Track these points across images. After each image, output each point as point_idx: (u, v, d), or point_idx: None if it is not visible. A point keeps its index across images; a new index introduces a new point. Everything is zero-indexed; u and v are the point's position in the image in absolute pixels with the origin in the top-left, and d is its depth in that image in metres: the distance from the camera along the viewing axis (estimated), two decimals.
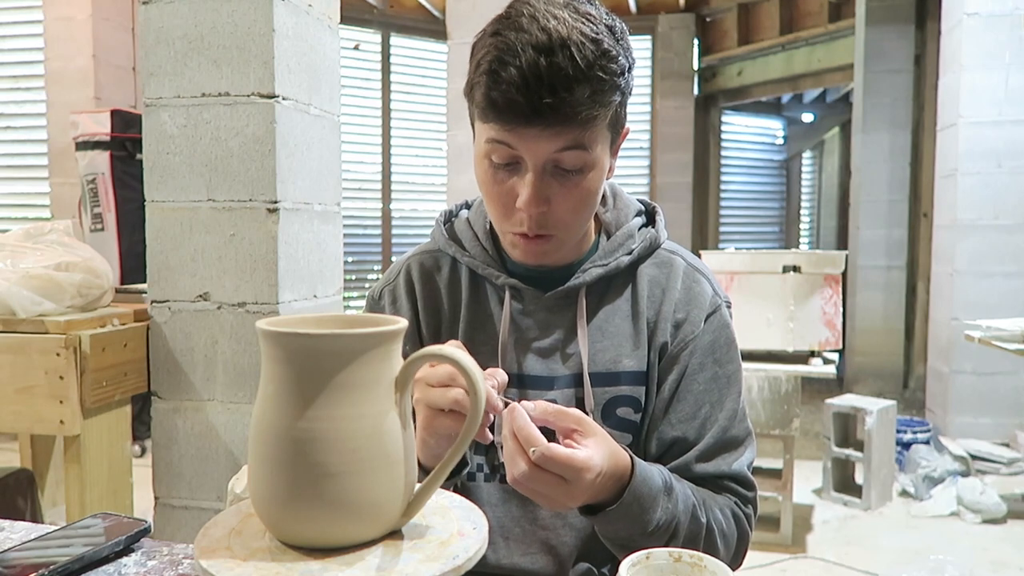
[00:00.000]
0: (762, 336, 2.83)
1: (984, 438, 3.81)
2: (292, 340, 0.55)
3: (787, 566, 2.67)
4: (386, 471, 0.56)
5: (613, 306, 0.95)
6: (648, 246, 0.96)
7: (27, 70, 4.52)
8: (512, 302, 0.95)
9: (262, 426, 0.56)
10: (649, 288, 0.95)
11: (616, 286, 0.96)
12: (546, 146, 0.81)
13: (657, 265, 0.97)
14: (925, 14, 5.11)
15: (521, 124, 0.80)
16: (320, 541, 0.56)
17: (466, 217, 1.02)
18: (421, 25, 5.99)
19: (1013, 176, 3.88)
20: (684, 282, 0.96)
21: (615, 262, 0.94)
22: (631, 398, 0.93)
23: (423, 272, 1.00)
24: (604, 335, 0.93)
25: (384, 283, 1.03)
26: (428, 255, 1.02)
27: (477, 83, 0.82)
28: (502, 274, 0.95)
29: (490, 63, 0.80)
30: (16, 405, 1.72)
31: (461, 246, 0.99)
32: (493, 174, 0.86)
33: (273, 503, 0.56)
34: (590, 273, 0.93)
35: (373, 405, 0.56)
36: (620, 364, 0.93)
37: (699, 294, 0.95)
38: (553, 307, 0.94)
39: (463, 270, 0.99)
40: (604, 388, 0.92)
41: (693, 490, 0.88)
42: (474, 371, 0.57)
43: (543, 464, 0.70)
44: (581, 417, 0.74)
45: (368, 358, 0.55)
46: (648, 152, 6.37)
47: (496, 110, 0.80)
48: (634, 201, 1.02)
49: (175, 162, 1.83)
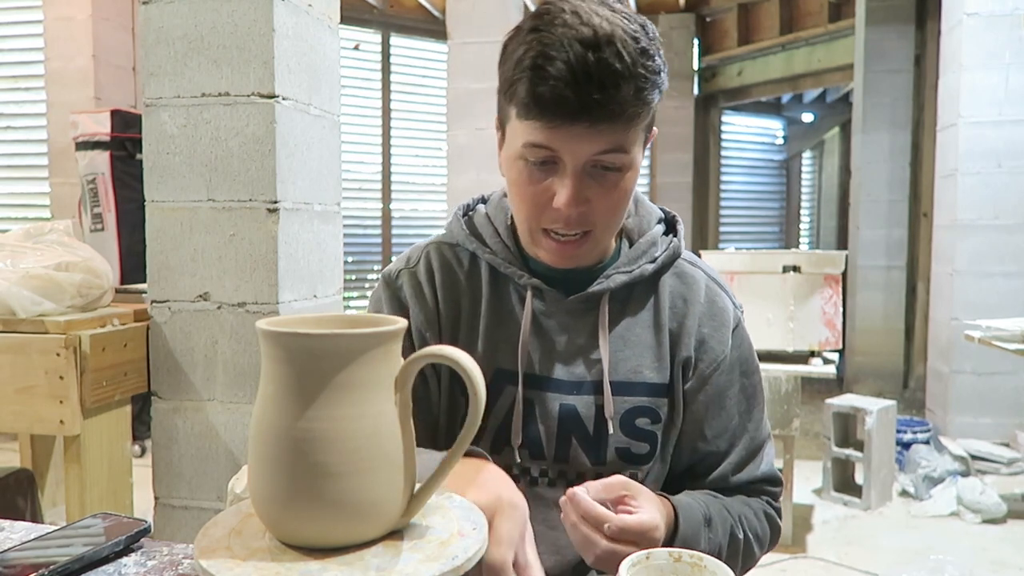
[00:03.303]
0: (762, 336, 2.82)
1: (984, 438, 3.81)
2: (293, 340, 0.55)
3: (787, 566, 2.67)
4: (386, 471, 0.56)
5: (635, 316, 0.94)
6: (671, 255, 0.96)
7: (27, 70, 4.52)
8: (534, 302, 0.94)
9: (262, 426, 0.56)
10: (671, 300, 0.95)
11: (638, 295, 0.95)
12: (588, 147, 0.80)
13: (678, 277, 0.97)
14: (925, 14, 5.11)
15: (567, 121, 0.78)
16: (320, 541, 0.56)
17: (485, 212, 1.00)
18: (421, 25, 5.99)
19: (1013, 176, 3.88)
20: (707, 296, 0.96)
21: (639, 269, 0.93)
22: (650, 409, 0.93)
23: (444, 262, 0.98)
24: (626, 344, 0.93)
25: (404, 265, 0.99)
26: (448, 247, 0.99)
27: (519, 79, 0.79)
28: (525, 273, 0.94)
29: (534, 58, 0.77)
30: (16, 405, 1.72)
31: (482, 242, 0.96)
32: (529, 173, 0.84)
33: (273, 503, 0.56)
34: (614, 279, 0.92)
35: (373, 405, 0.56)
36: (641, 375, 0.92)
37: (722, 309, 0.96)
38: (575, 311, 0.94)
39: (483, 266, 0.97)
40: (624, 397, 0.92)
41: (728, 506, 0.91)
42: (473, 372, 0.57)
43: (619, 536, 0.74)
44: (626, 482, 0.78)
45: (368, 358, 0.55)
46: (648, 152, 6.34)
47: (541, 106, 0.78)
48: (656, 208, 1.02)
49: (175, 162, 1.83)
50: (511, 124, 0.85)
